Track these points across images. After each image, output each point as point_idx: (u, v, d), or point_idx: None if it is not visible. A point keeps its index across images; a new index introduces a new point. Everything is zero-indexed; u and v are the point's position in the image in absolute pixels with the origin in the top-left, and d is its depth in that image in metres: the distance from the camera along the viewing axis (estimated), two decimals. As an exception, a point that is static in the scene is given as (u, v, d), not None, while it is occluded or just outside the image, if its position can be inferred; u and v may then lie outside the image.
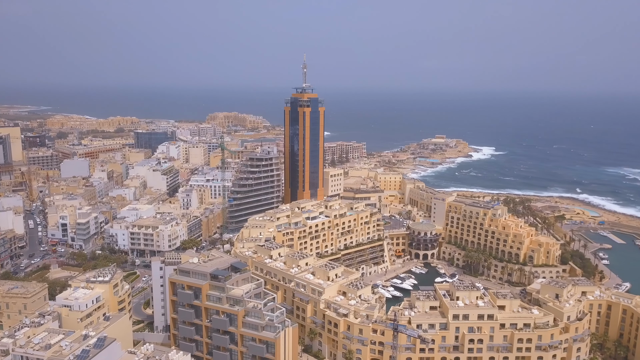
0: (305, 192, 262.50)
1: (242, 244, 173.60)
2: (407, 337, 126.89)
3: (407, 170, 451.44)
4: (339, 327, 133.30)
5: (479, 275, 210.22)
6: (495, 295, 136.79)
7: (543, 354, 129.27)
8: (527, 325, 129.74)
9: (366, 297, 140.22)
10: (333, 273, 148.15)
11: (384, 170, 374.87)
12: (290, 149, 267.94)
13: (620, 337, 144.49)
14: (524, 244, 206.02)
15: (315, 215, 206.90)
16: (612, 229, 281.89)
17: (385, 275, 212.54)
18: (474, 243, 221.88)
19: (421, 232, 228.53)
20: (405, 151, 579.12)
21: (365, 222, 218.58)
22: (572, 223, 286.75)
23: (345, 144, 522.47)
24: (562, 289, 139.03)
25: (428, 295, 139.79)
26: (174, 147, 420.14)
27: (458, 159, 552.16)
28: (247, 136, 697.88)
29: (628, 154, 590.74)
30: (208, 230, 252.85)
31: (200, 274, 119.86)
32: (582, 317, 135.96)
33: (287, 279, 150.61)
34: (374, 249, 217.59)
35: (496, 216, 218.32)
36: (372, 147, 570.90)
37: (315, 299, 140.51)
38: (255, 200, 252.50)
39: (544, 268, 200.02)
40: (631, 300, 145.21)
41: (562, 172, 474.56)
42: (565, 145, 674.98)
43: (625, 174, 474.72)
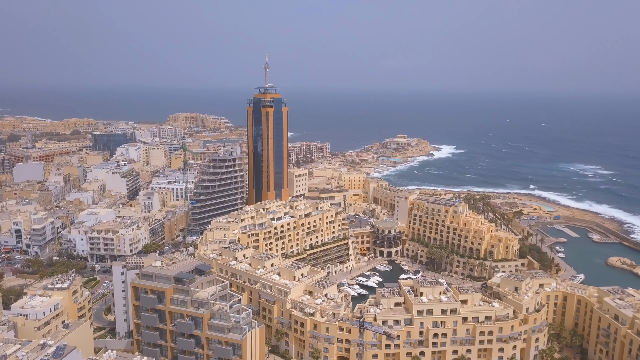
0: (270, 193, 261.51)
1: (206, 247, 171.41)
2: (373, 334, 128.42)
3: (370, 169, 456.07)
4: (305, 326, 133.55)
5: (442, 271, 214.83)
6: (457, 290, 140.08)
7: (504, 345, 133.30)
8: (489, 318, 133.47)
9: (332, 295, 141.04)
10: (299, 273, 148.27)
11: (348, 170, 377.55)
12: (254, 149, 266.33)
13: (575, 326, 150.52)
14: (484, 239, 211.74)
15: (281, 216, 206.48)
16: (567, 223, 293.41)
17: (351, 273, 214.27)
18: (437, 240, 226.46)
19: (385, 230, 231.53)
20: (369, 151, 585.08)
21: (330, 221, 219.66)
22: (529, 218, 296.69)
23: (310, 144, 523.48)
24: (520, 282, 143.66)
25: (393, 292, 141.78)
26: (133, 149, 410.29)
27: (419, 157, 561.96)
28: (209, 137, 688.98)
29: (580, 151, 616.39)
30: (171, 233, 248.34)
31: (163, 277, 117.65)
32: (540, 309, 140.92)
33: (252, 280, 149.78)
34: (340, 248, 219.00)
35: (457, 213, 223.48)
36: (336, 147, 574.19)
37: (282, 300, 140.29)
38: (219, 202, 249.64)
39: (503, 262, 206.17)
40: (585, 290, 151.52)
41: (518, 170, 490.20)
42: (519, 144, 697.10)
43: (577, 170, 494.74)
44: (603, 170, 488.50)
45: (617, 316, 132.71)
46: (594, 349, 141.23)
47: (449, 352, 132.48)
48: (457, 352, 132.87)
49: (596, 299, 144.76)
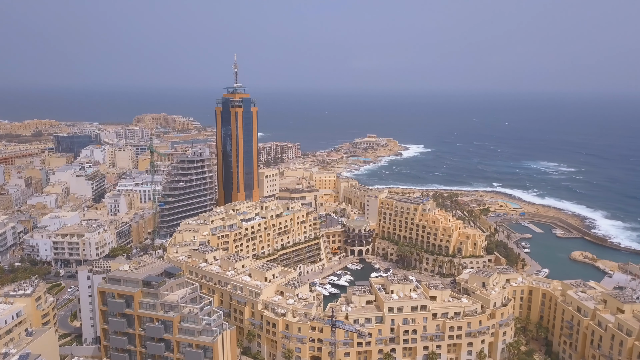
0: (240, 194, 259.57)
1: (176, 249, 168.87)
2: (345, 333, 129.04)
3: (341, 169, 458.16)
4: (277, 327, 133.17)
5: (412, 269, 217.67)
6: (427, 286, 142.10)
7: (472, 340, 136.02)
8: (458, 314, 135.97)
9: (304, 295, 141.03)
10: (270, 274, 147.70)
11: (318, 170, 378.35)
12: (223, 150, 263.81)
13: (540, 319, 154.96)
14: (452, 236, 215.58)
15: (251, 217, 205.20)
16: (532, 219, 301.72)
17: (322, 273, 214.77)
18: (406, 238, 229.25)
19: (356, 229, 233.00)
20: (339, 150, 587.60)
21: (301, 221, 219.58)
22: (496, 215, 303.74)
23: (280, 144, 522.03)
24: (488, 278, 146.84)
25: (364, 290, 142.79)
26: (98, 151, 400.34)
27: (389, 157, 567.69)
28: (177, 138, 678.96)
29: (543, 149, 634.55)
30: (139, 236, 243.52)
31: (131, 281, 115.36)
32: (506, 303, 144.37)
33: (223, 282, 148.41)
34: (311, 248, 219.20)
35: (426, 211, 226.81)
36: (307, 147, 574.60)
37: (253, 301, 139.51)
38: (188, 204, 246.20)
39: (471, 259, 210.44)
40: (549, 284, 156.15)
41: (484, 168, 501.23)
42: (484, 143, 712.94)
43: (540, 167, 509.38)
44: (565, 168, 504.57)
45: (580, 308, 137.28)
46: (558, 340, 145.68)
47: (419, 348, 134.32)
48: (427, 348, 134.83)
49: (560, 292, 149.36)
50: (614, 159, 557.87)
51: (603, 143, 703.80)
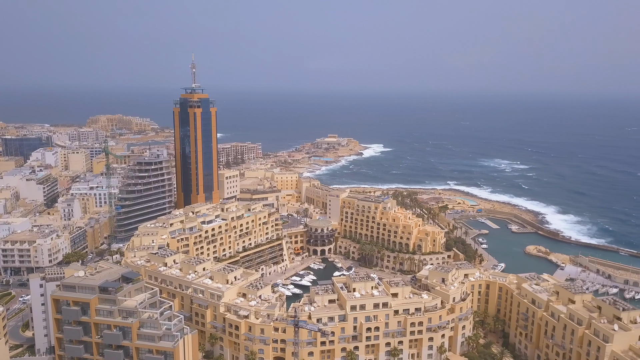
0: (200, 196, 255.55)
1: (134, 253, 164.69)
2: (308, 332, 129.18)
3: (302, 169, 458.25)
4: (240, 329, 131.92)
5: (374, 266, 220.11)
6: (388, 284, 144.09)
7: (433, 335, 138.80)
8: (418, 310, 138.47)
9: (266, 296, 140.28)
10: (232, 276, 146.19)
11: (280, 170, 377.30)
12: (182, 151, 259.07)
13: (497, 312, 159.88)
14: (412, 234, 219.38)
15: (211, 219, 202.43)
16: (489, 215, 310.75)
17: (285, 273, 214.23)
18: (368, 236, 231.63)
19: (318, 228, 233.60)
20: (300, 151, 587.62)
21: (263, 222, 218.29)
22: (454, 212, 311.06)
23: (240, 145, 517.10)
24: (447, 274, 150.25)
25: (326, 289, 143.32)
26: (50, 154, 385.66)
27: (350, 157, 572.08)
28: (134, 139, 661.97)
29: (497, 148, 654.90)
30: (94, 241, 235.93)
31: (87, 287, 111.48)
32: (465, 298, 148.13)
33: (184, 285, 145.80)
34: (273, 249, 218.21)
35: (386, 209, 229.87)
36: (268, 148, 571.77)
37: (215, 304, 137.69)
38: (146, 207, 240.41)
39: (431, 255, 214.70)
40: (505, 278, 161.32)
41: (442, 166, 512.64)
42: (442, 142, 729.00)
43: (495, 165, 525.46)
44: (518, 165, 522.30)
45: (534, 300, 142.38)
46: (515, 332, 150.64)
47: (382, 345, 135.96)
48: (389, 345, 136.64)
49: (515, 285, 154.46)
50: (564, 157, 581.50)
51: (555, 141, 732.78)
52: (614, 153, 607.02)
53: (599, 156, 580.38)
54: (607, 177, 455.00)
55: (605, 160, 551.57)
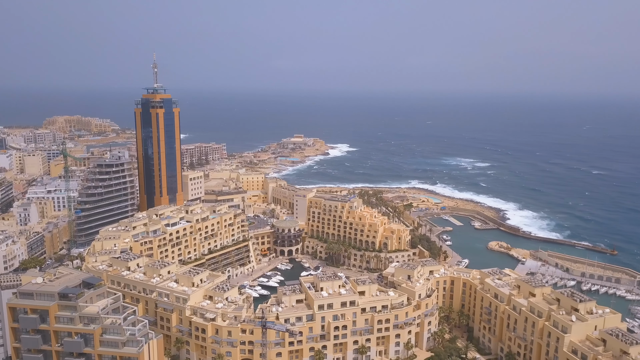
0: (163, 198, 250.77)
1: (95, 258, 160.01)
2: (276, 333, 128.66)
3: (269, 169, 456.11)
4: (207, 332, 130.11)
5: (341, 265, 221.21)
6: (355, 282, 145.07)
7: (400, 332, 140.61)
8: (385, 307, 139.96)
9: (233, 298, 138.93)
10: (198, 278, 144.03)
11: (246, 171, 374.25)
12: (144, 153, 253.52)
13: (462, 307, 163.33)
14: (378, 232, 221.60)
15: (176, 221, 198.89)
16: (452, 213, 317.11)
17: (252, 275, 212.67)
18: (335, 235, 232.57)
19: (285, 229, 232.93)
20: (266, 151, 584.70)
21: (229, 224, 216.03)
22: (418, 210, 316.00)
23: (204, 146, 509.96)
24: (412, 270, 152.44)
25: (294, 289, 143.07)
26: (4, 157, 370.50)
27: (316, 156, 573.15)
28: (94, 141, 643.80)
29: (459, 146, 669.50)
30: (53, 246, 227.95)
31: (46, 294, 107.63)
32: (430, 294, 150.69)
33: (148, 289, 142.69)
34: (240, 250, 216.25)
35: (353, 208, 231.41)
36: (233, 148, 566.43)
37: (180, 307, 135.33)
38: (107, 210, 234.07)
39: (397, 253, 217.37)
40: (469, 274, 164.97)
41: (407, 165, 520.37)
42: (407, 141, 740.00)
43: (458, 163, 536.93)
44: (480, 163, 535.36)
45: (497, 295, 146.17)
46: (479, 326, 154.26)
47: (349, 343, 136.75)
48: (357, 343, 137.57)
49: (479, 280, 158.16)
50: (522, 155, 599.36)
51: (514, 140, 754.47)
52: (569, 151, 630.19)
53: (555, 154, 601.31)
54: (563, 174, 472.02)
55: (561, 158, 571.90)
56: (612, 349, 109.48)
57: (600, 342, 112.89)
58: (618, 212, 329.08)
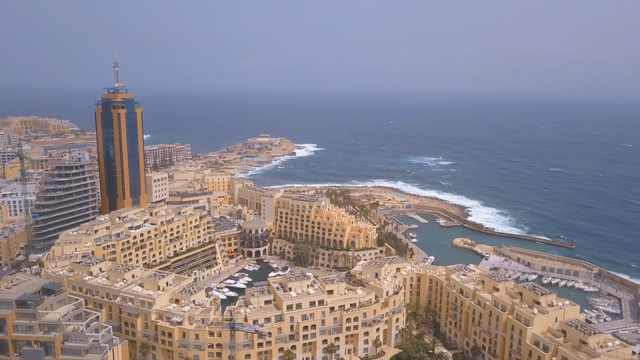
0: (126, 200, 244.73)
1: (55, 263, 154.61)
2: (244, 335, 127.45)
3: (235, 170, 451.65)
4: (173, 336, 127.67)
5: (309, 265, 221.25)
6: (324, 281, 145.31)
7: (368, 329, 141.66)
8: (354, 305, 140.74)
9: (200, 301, 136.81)
10: (163, 282, 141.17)
11: (211, 172, 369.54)
12: (105, 154, 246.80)
13: (429, 303, 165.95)
14: (346, 231, 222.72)
15: (139, 224, 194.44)
16: (417, 210, 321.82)
17: (219, 277, 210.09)
18: (303, 235, 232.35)
19: (252, 230, 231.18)
20: (232, 151, 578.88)
21: (195, 226, 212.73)
22: (385, 208, 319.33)
23: (168, 147, 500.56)
24: (380, 268, 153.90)
25: (262, 290, 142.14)
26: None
27: (283, 156, 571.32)
28: (52, 143, 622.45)
29: (423, 145, 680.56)
30: (9, 252, 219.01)
31: (2, 302, 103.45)
32: (398, 291, 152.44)
33: (111, 294, 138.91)
34: (206, 252, 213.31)
35: (320, 208, 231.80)
36: (197, 149, 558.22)
37: (146, 311, 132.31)
38: (67, 214, 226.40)
39: (364, 251, 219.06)
40: (435, 270, 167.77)
41: (373, 164, 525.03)
42: (372, 140, 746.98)
43: (422, 162, 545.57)
44: (443, 162, 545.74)
45: (462, 290, 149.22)
46: (445, 321, 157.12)
47: (319, 342, 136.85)
48: (326, 342, 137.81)
49: (444, 277, 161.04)
50: (484, 153, 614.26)
51: (476, 139, 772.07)
52: (529, 149, 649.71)
53: (515, 152, 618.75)
54: (522, 172, 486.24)
55: (520, 156, 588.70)
56: (571, 340, 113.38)
57: (561, 333, 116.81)
58: (574, 208, 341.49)
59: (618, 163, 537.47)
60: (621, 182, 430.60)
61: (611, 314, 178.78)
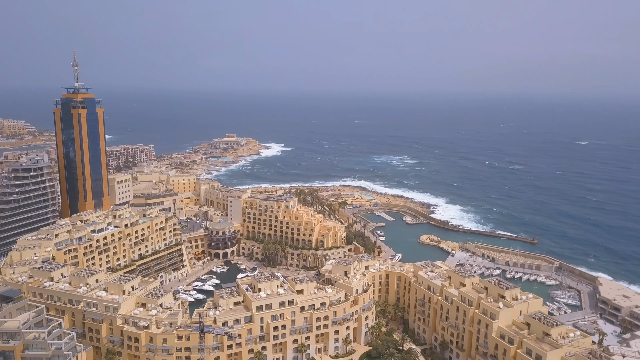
0: (88, 203, 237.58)
1: (13, 269, 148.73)
2: (214, 337, 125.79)
3: (200, 170, 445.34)
4: (140, 340, 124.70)
5: (278, 265, 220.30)
6: (293, 281, 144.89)
7: (338, 328, 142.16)
8: (324, 304, 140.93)
9: (168, 304, 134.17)
10: (129, 286, 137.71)
11: (176, 173, 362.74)
12: (65, 156, 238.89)
13: (397, 300, 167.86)
14: (315, 230, 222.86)
15: (103, 227, 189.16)
16: (384, 209, 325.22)
17: (186, 279, 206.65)
18: (271, 235, 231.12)
19: (219, 231, 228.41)
20: (197, 152, 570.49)
21: (160, 228, 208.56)
22: (352, 207, 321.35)
23: (131, 147, 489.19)
24: (349, 267, 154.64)
25: (231, 292, 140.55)
26: None
27: (250, 156, 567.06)
28: (7, 144, 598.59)
29: (390, 144, 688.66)
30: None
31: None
32: (367, 289, 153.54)
33: (74, 300, 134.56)
34: (172, 255, 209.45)
35: (289, 208, 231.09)
36: (162, 149, 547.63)
37: (111, 316, 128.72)
38: (25, 218, 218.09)
39: (333, 250, 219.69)
40: (403, 267, 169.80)
41: (340, 164, 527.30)
42: (339, 139, 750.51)
43: (388, 161, 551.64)
44: (409, 160, 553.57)
45: (430, 286, 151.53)
46: (414, 317, 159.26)
47: (289, 342, 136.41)
48: (297, 341, 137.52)
49: (412, 273, 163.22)
50: (449, 152, 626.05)
51: (439, 137, 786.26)
52: (490, 148, 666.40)
53: (477, 151, 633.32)
54: (485, 170, 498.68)
55: (483, 154, 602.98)
56: (535, 332, 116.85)
57: (525, 325, 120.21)
58: (535, 204, 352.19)
59: (574, 160, 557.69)
60: (577, 179, 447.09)
61: (571, 306, 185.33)
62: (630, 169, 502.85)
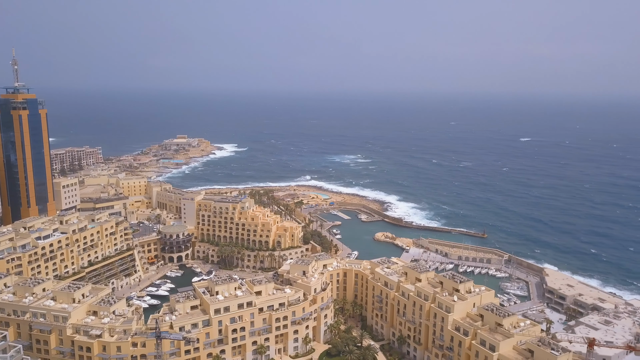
0: (32, 209, 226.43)
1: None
2: (171, 343, 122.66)
3: (151, 173, 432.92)
4: (92, 350, 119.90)
5: (235, 267, 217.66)
6: (252, 282, 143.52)
7: (298, 327, 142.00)
8: (282, 305, 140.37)
9: (121, 311, 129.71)
10: (79, 294, 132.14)
11: (126, 175, 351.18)
12: (6, 159, 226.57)
13: (355, 297, 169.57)
14: (271, 231, 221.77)
15: (48, 234, 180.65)
16: (340, 207, 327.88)
17: (140, 285, 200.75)
18: (227, 237, 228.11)
19: (173, 234, 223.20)
20: (147, 153, 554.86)
21: (110, 233, 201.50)
22: (309, 207, 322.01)
23: (77, 150, 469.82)
24: (307, 266, 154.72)
25: (187, 295, 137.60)
26: None
27: (202, 158, 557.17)
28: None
29: (341, 144, 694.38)
30: None
31: None
32: (325, 287, 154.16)
33: (20, 311, 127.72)
34: (124, 260, 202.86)
35: (244, 209, 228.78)
36: (109, 152, 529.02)
37: (60, 326, 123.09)
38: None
39: (290, 250, 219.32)
40: (360, 265, 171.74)
41: (294, 164, 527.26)
42: (293, 139, 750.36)
43: (341, 160, 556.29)
44: (361, 159, 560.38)
45: (387, 283, 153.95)
46: (372, 314, 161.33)
47: (248, 344, 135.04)
48: (256, 343, 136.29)
49: (369, 271, 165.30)
50: (400, 151, 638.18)
51: (391, 137, 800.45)
52: (439, 146, 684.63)
53: (426, 149, 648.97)
54: (436, 167, 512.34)
55: (432, 152, 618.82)
56: (488, 323, 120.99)
57: (479, 317, 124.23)
58: (484, 200, 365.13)
59: (518, 158, 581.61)
60: (521, 175, 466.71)
61: (520, 297, 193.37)
62: (568, 165, 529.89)
